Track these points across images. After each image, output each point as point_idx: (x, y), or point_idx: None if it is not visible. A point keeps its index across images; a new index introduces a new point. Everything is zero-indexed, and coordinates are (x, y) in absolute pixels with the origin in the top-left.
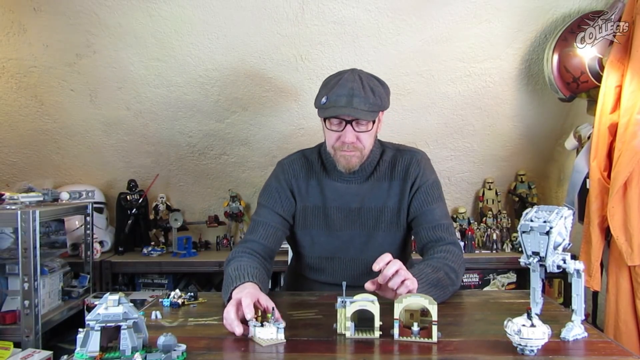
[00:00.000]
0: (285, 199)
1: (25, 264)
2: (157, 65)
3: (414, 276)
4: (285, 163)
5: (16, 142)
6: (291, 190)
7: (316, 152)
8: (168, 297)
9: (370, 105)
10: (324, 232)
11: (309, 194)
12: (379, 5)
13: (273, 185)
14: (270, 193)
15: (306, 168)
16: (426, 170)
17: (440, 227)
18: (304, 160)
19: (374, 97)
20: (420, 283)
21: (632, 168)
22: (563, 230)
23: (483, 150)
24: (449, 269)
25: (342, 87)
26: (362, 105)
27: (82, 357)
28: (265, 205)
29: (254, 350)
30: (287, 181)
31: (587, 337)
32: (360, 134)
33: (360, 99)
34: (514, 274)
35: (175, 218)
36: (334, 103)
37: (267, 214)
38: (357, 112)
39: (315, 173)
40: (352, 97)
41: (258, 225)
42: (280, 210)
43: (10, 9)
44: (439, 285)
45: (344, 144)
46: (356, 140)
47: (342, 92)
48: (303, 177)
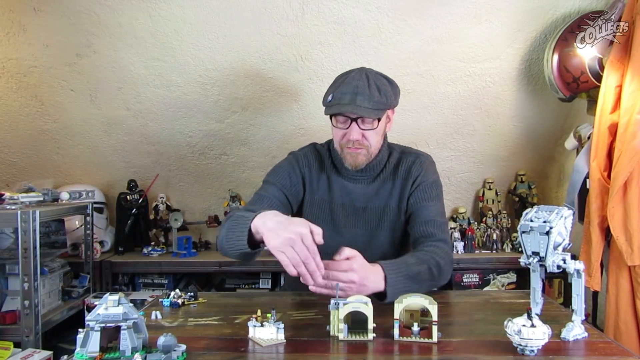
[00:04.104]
0: (296, 184)
1: (25, 264)
2: (157, 65)
3: (395, 264)
4: (300, 154)
5: (16, 142)
6: (303, 178)
7: (326, 147)
8: (168, 297)
9: (375, 103)
10: (328, 227)
11: (319, 187)
12: (379, 5)
13: (285, 168)
14: (281, 173)
15: (319, 161)
16: (428, 170)
17: (433, 224)
18: (317, 153)
19: (379, 95)
20: (395, 273)
21: (632, 168)
22: (563, 230)
23: (483, 150)
24: (434, 263)
25: (347, 85)
26: (365, 103)
27: (82, 357)
28: (273, 183)
29: (254, 350)
30: (300, 169)
31: (587, 337)
32: (366, 131)
33: (364, 97)
34: (514, 274)
35: (175, 218)
36: (338, 101)
37: (274, 191)
38: (360, 109)
39: (325, 168)
40: (356, 95)
41: (262, 199)
42: (287, 191)
43: (10, 9)
44: (416, 279)
45: (350, 142)
46: (362, 137)
47: (346, 90)
48: (316, 170)
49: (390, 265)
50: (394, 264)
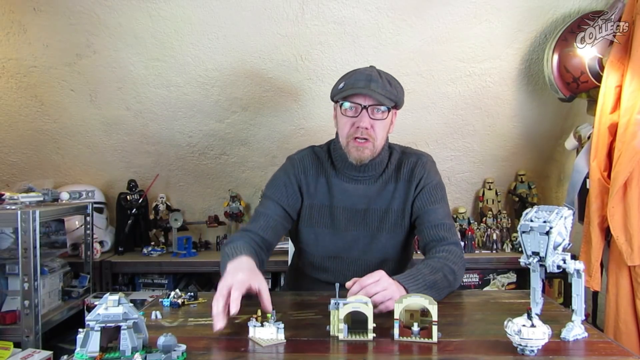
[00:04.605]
0: (292, 194)
1: (25, 264)
2: (157, 65)
3: (412, 276)
4: (296, 158)
5: (16, 142)
6: (299, 186)
7: (326, 149)
8: (168, 297)
9: (387, 92)
10: (328, 231)
11: (317, 192)
12: (379, 5)
13: (281, 178)
14: (277, 185)
15: (316, 165)
16: (431, 172)
17: (443, 227)
18: (314, 156)
19: (390, 86)
20: (415, 285)
21: (632, 168)
22: (563, 230)
23: (483, 150)
24: (448, 270)
25: (360, 74)
26: (379, 89)
27: (82, 357)
28: (271, 198)
29: (254, 350)
30: (296, 176)
31: (587, 337)
32: (375, 122)
33: (378, 84)
34: (514, 274)
35: (175, 218)
36: (352, 85)
37: (271, 206)
38: (375, 94)
39: (324, 171)
40: (369, 81)
41: (260, 216)
42: (285, 203)
43: (10, 9)
44: (434, 287)
45: (359, 130)
46: (370, 128)
47: (360, 77)
48: (312, 174)
49: (407, 278)
50: (411, 276)
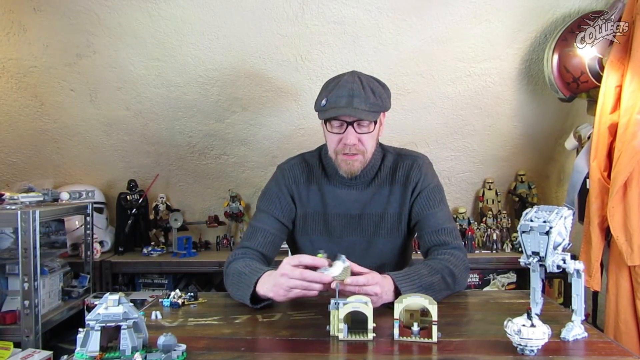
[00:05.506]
0: (286, 205)
1: (25, 264)
2: (157, 65)
3: (408, 276)
4: (286, 168)
5: (16, 142)
6: (291, 196)
7: (317, 156)
8: (168, 297)
9: (371, 105)
10: (324, 238)
11: (310, 200)
12: (379, 5)
13: (273, 190)
14: (269, 198)
15: (307, 173)
16: (427, 174)
17: (444, 231)
18: (305, 165)
19: (374, 97)
20: (410, 285)
21: (632, 168)
22: (563, 230)
23: (483, 150)
24: (447, 272)
25: (341, 88)
26: (362, 105)
27: (82, 357)
28: (265, 211)
29: (254, 350)
30: (287, 186)
31: (587, 337)
32: (362, 135)
33: (360, 99)
34: (514, 274)
35: (175, 218)
36: (334, 104)
37: (266, 220)
38: (358, 112)
39: (315, 178)
40: (352, 97)
41: (256, 231)
42: (279, 215)
43: (10, 9)
44: (430, 289)
45: (346, 146)
46: (358, 142)
47: (342, 93)
48: (304, 183)
49: (402, 276)
50: (406, 275)
